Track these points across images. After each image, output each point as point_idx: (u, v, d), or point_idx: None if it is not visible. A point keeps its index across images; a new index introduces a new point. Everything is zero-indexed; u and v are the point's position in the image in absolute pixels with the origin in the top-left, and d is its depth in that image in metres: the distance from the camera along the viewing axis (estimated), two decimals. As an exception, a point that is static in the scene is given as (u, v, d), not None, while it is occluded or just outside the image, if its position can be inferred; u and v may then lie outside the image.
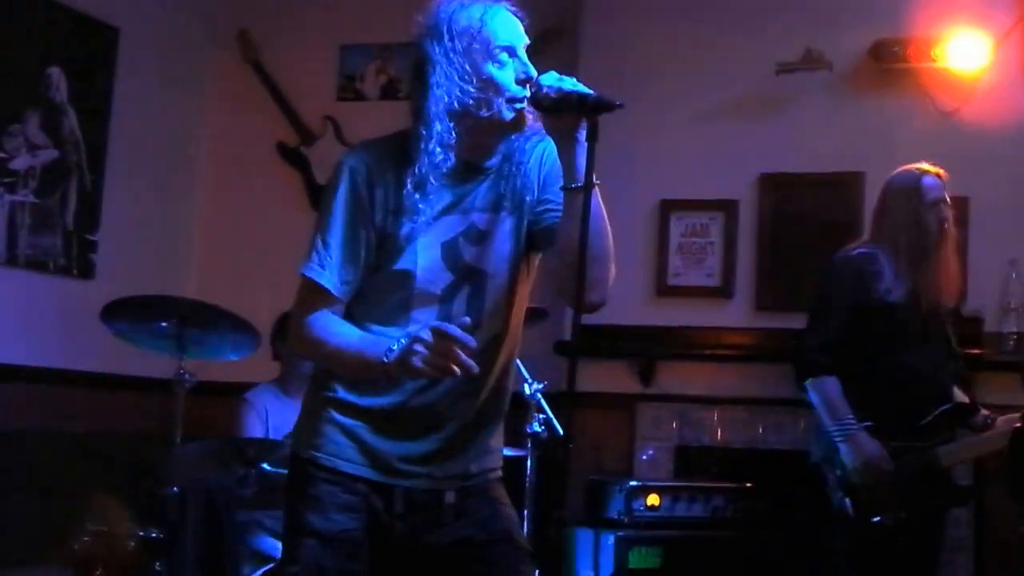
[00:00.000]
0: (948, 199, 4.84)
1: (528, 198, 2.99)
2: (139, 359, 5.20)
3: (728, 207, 6.35)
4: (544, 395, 5.10)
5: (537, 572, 4.38)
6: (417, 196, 2.87)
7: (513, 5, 2.98)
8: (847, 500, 4.65)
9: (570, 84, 2.85)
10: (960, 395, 4.98)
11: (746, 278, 6.31)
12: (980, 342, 5.81)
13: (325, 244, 2.93)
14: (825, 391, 4.68)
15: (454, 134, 2.87)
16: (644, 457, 6.21)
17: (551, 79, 2.85)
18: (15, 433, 5.83)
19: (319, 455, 2.97)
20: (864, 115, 6.15)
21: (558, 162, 2.90)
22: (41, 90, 6.14)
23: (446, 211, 2.93)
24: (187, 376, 4.69)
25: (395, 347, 2.76)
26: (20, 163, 6.01)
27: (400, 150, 2.92)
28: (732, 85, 6.40)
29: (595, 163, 2.82)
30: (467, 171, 2.95)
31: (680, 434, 6.27)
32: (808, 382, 4.73)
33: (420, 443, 2.98)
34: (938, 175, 4.83)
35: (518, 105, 2.89)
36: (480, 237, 2.96)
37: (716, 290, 6.33)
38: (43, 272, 6.14)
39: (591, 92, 2.84)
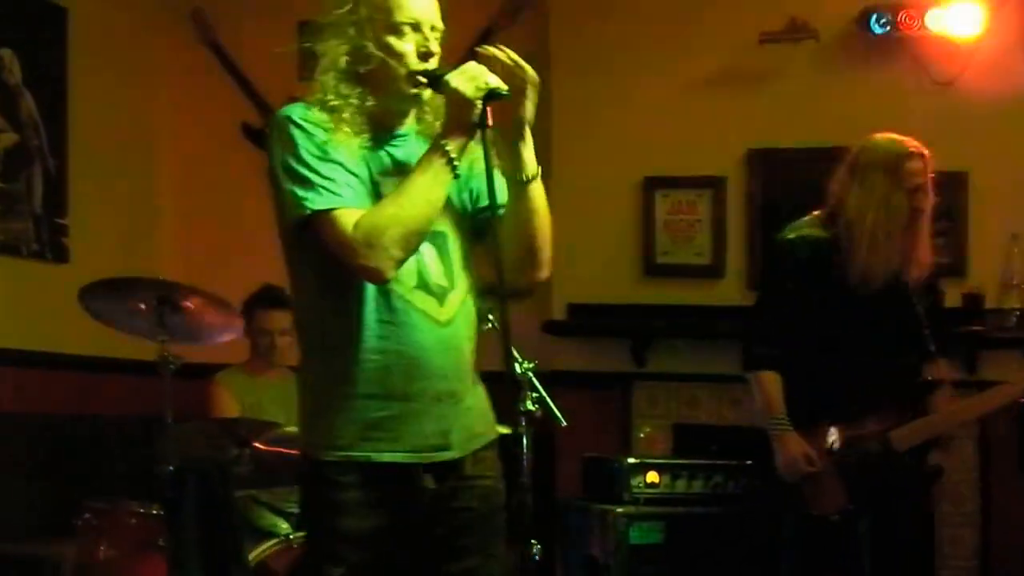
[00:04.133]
0: (930, 182, 4.70)
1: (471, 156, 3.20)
2: (122, 341, 5.37)
3: (715, 184, 6.56)
4: (535, 374, 5.34)
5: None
6: (354, 148, 3.10)
7: None
8: (786, 494, 4.74)
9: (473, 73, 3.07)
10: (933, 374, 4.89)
11: (736, 256, 6.52)
12: (982, 319, 6.00)
13: (312, 170, 3.05)
14: (762, 387, 4.73)
15: (358, 93, 3.12)
16: (642, 435, 6.41)
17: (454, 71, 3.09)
18: (3, 416, 6.03)
19: (337, 454, 3.10)
20: (853, 87, 6.30)
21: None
22: (-7, 73, 6.24)
23: (387, 172, 3.16)
24: (171, 358, 4.86)
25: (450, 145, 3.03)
26: (-21, 148, 6.13)
27: (331, 110, 3.13)
28: (714, 56, 6.55)
29: (552, 141, 3.13)
30: (387, 135, 3.20)
31: (677, 412, 6.52)
32: (749, 376, 4.79)
33: (443, 413, 3.15)
34: (923, 155, 4.68)
35: (419, 79, 3.13)
36: None
37: (706, 268, 6.56)
38: (16, 257, 6.32)
39: (486, 80, 3.06)
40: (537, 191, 3.16)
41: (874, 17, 6.23)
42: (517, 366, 5.12)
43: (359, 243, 3.00)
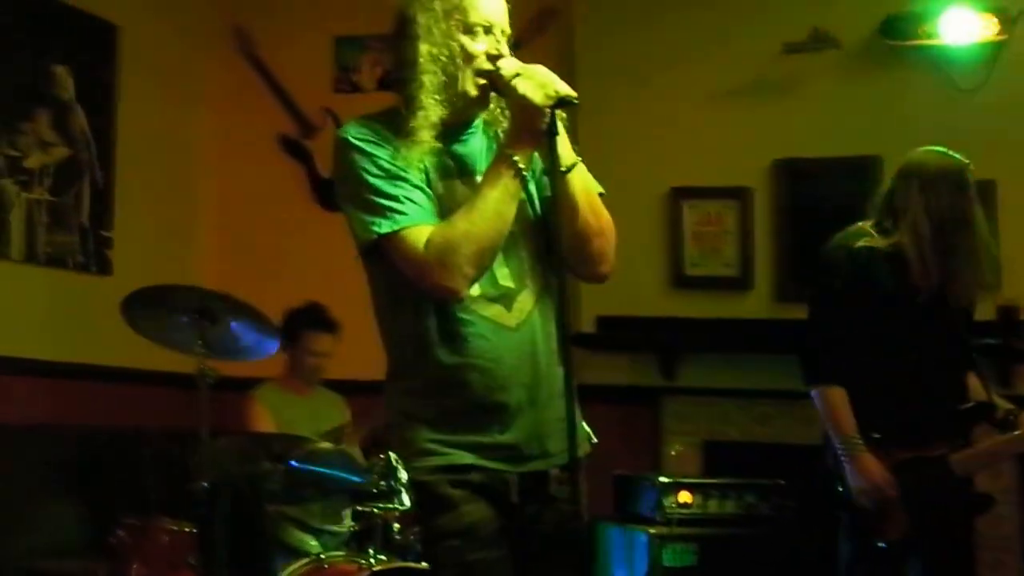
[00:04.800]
0: None
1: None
2: (161, 355, 5.27)
3: (742, 195, 6.42)
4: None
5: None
6: (423, 154, 2.98)
7: None
8: (851, 519, 4.47)
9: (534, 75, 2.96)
10: (981, 393, 4.61)
11: (765, 268, 6.36)
12: (1017, 332, 5.80)
13: (375, 192, 2.95)
14: (830, 403, 4.41)
15: (430, 95, 2.99)
16: (673, 453, 6.21)
17: (512, 68, 2.98)
18: (40, 428, 5.94)
19: (427, 463, 3.00)
20: (877, 96, 6.16)
21: None
22: (49, 89, 6.25)
23: (451, 175, 3.04)
24: (209, 371, 4.78)
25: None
26: (34, 162, 6.12)
27: (392, 121, 3.03)
28: (740, 67, 6.43)
29: (579, 148, 3.01)
30: (454, 133, 3.07)
31: (708, 429, 6.35)
32: (813, 391, 4.47)
33: (514, 426, 3.01)
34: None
35: (481, 81, 3.01)
36: None
37: (735, 280, 6.41)
38: (62, 269, 6.26)
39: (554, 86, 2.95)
40: (579, 181, 3.03)
41: (897, 25, 6.12)
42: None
43: (431, 263, 2.90)
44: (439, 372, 2.99)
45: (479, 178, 3.03)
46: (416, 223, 2.92)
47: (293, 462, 4.78)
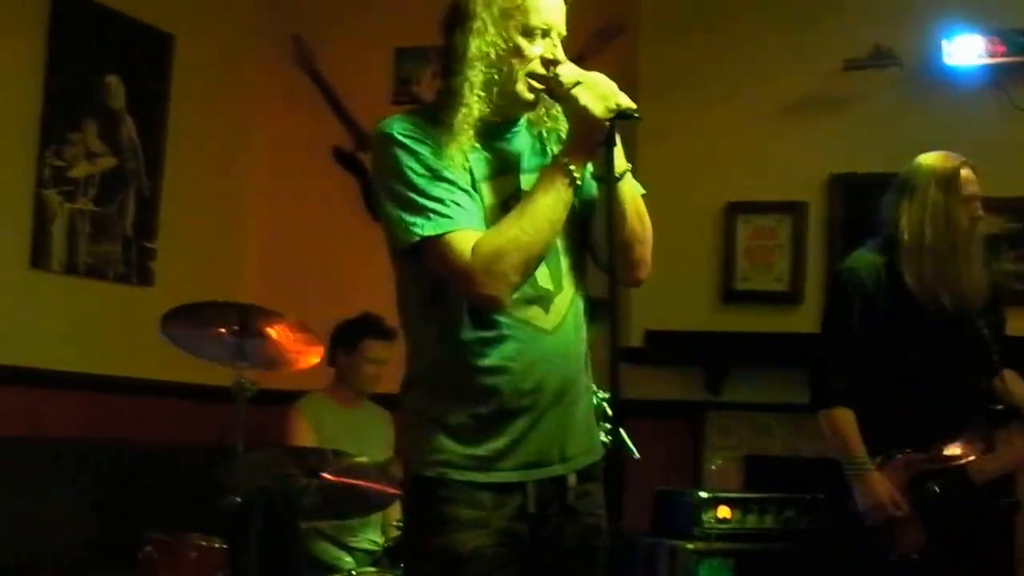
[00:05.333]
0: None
1: None
2: (198, 367, 5.24)
3: (796, 209, 6.34)
4: (609, 403, 5.11)
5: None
6: (464, 150, 2.88)
7: None
8: (864, 535, 4.41)
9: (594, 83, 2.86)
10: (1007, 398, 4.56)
11: (816, 282, 6.27)
12: None
13: (419, 192, 2.84)
14: (836, 425, 4.40)
15: (480, 95, 2.88)
16: (713, 467, 6.19)
17: (571, 75, 2.87)
18: (75, 441, 5.91)
19: (438, 471, 2.90)
20: (936, 113, 6.09)
21: None
22: (99, 99, 6.22)
23: (492, 173, 2.95)
24: (247, 385, 4.73)
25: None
26: (79, 172, 6.09)
27: (434, 116, 2.93)
28: (799, 83, 6.39)
29: (636, 160, 2.93)
30: (497, 129, 2.97)
31: (750, 443, 6.29)
32: (820, 414, 4.46)
33: (546, 429, 2.92)
34: (973, 166, 4.49)
35: (536, 84, 2.91)
36: None
37: (785, 295, 6.33)
38: (102, 280, 6.22)
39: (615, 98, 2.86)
40: (628, 187, 2.93)
41: (957, 43, 6.05)
42: (593, 396, 4.90)
43: (477, 271, 2.79)
44: (471, 375, 2.89)
45: (522, 176, 2.97)
46: (461, 228, 2.81)
47: (328, 476, 4.68)
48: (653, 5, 6.64)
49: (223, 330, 4.79)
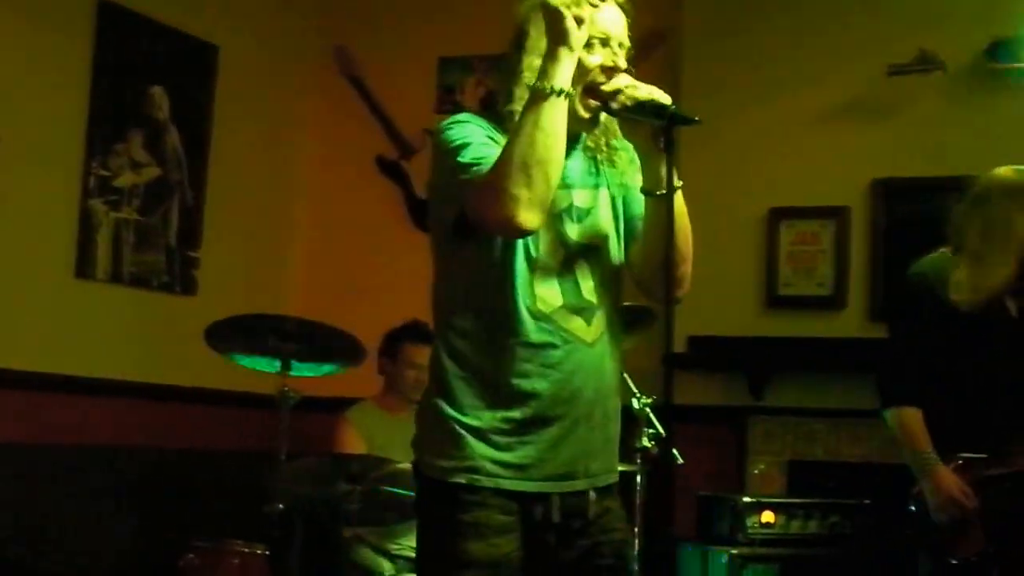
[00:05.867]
0: None
1: (626, 180, 3.05)
2: (242, 375, 5.23)
3: (839, 214, 6.29)
4: (653, 409, 5.07)
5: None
6: None
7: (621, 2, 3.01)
8: (928, 535, 4.36)
9: (645, 93, 2.86)
10: None
11: (859, 287, 6.24)
12: None
13: (473, 144, 2.86)
14: (904, 423, 4.35)
15: None
16: (756, 472, 6.16)
17: (627, 84, 2.87)
18: (119, 449, 5.91)
19: (469, 477, 2.88)
20: (980, 118, 6.06)
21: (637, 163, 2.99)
22: (144, 109, 6.23)
23: None
24: (291, 393, 4.71)
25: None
26: (124, 181, 6.09)
27: (496, 125, 2.94)
28: (842, 88, 6.34)
29: (680, 169, 2.87)
30: None
31: (793, 448, 6.23)
32: (887, 414, 4.42)
33: (575, 440, 2.93)
34: None
35: (593, 103, 2.91)
36: (582, 214, 2.98)
37: (828, 300, 6.28)
38: (147, 289, 6.21)
39: (668, 104, 2.85)
40: (679, 204, 2.92)
41: (1002, 48, 6.01)
42: (635, 401, 4.90)
43: (481, 191, 2.76)
44: (509, 378, 2.88)
45: (574, 191, 2.97)
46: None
47: (370, 483, 4.67)
48: (696, 12, 6.62)
49: (267, 341, 4.77)
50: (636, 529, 4.77)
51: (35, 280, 5.67)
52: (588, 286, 2.94)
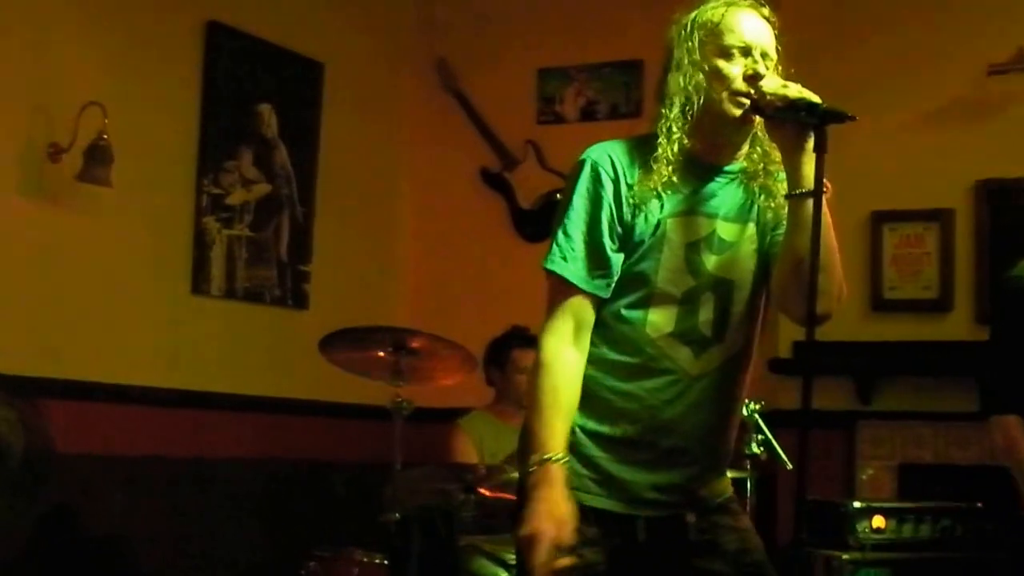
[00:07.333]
0: None
1: (770, 216, 2.97)
2: (355, 386, 5.24)
3: (943, 216, 6.20)
4: (761, 415, 5.02)
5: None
6: (658, 185, 2.85)
7: (762, 10, 3.02)
8: None
9: (796, 91, 2.81)
10: None
11: (965, 290, 6.16)
12: None
13: (567, 236, 2.88)
14: (1005, 431, 4.18)
15: (689, 119, 2.87)
16: (865, 477, 6.09)
17: (774, 85, 2.83)
18: (237, 461, 5.96)
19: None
20: None
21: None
22: (253, 127, 6.27)
23: (689, 211, 2.90)
24: (404, 403, 4.72)
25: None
26: (235, 198, 6.14)
27: (645, 148, 2.91)
28: (942, 89, 6.26)
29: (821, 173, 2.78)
30: (708, 171, 2.93)
31: (902, 452, 6.15)
32: (991, 420, 4.28)
33: (667, 469, 2.92)
34: None
35: (742, 99, 2.86)
36: (724, 246, 2.93)
37: (934, 303, 6.19)
38: (259, 303, 6.25)
39: (819, 102, 2.80)
40: (803, 210, 2.81)
41: None
42: (744, 408, 4.84)
43: (539, 353, 2.94)
44: (605, 393, 2.89)
45: (720, 223, 2.91)
46: (574, 284, 2.86)
47: (485, 492, 4.67)
48: (794, 17, 6.50)
49: (380, 352, 4.79)
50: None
51: (153, 298, 5.72)
52: (707, 319, 2.88)
